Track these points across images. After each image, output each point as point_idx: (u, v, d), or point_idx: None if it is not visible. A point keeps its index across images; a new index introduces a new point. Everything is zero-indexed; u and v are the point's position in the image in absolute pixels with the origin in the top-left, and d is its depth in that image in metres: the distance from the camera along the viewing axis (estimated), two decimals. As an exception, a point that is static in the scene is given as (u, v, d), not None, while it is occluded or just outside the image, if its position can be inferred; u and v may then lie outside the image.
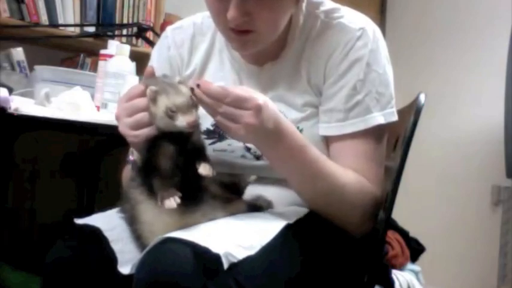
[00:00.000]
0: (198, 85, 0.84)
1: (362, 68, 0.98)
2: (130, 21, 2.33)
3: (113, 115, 0.92)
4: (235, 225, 0.86)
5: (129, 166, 1.04)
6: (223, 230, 0.83)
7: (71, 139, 2.12)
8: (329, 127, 1.00)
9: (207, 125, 1.06)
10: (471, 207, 2.95)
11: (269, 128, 0.86)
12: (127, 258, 0.85)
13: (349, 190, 0.94)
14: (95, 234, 0.90)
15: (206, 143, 1.05)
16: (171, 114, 0.81)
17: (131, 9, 2.34)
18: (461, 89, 3.06)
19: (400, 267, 1.60)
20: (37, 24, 2.06)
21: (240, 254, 0.79)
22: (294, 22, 1.03)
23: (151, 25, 2.23)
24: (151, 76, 0.90)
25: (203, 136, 1.06)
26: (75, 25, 2.17)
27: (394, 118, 1.01)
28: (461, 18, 3.11)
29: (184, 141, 0.85)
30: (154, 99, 0.83)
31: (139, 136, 0.86)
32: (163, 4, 2.45)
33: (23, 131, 1.49)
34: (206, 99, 0.83)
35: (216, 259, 0.76)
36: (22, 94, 1.65)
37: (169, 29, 1.16)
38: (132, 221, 0.87)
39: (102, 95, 1.66)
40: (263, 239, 0.83)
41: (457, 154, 3.02)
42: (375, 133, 0.99)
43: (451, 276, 2.90)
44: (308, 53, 1.03)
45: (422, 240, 1.75)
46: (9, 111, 1.34)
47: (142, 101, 0.85)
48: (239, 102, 0.83)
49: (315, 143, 0.96)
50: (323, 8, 1.04)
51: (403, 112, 1.07)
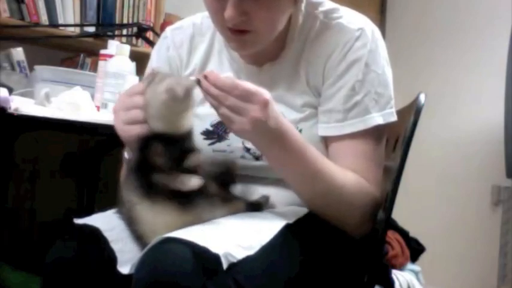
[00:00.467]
0: (206, 77, 0.84)
1: (361, 69, 0.98)
2: (130, 21, 2.33)
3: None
4: (234, 225, 0.86)
5: (125, 165, 1.05)
6: (222, 230, 0.83)
7: (71, 139, 2.12)
8: (328, 127, 1.00)
9: (207, 126, 1.06)
10: (471, 207, 2.95)
11: (271, 126, 0.86)
12: (127, 258, 0.85)
13: (348, 191, 0.94)
14: (95, 234, 0.90)
15: (204, 144, 1.06)
16: (161, 86, 0.83)
17: (131, 9, 2.34)
18: (461, 89, 3.06)
19: (400, 267, 1.60)
20: (37, 24, 2.06)
21: (240, 254, 0.78)
22: (293, 22, 1.03)
23: (151, 25, 2.23)
24: (154, 76, 0.90)
25: (202, 137, 1.06)
26: (75, 25, 2.17)
27: (393, 118, 1.00)
28: (461, 18, 3.11)
29: (176, 144, 0.85)
30: (153, 80, 0.85)
31: (130, 132, 0.87)
32: (163, 4, 2.45)
33: (23, 131, 1.49)
34: (214, 90, 0.83)
35: (216, 259, 0.75)
36: (22, 94, 1.65)
37: (168, 30, 1.16)
38: (131, 222, 0.87)
39: (102, 95, 1.66)
40: (262, 239, 0.83)
41: (457, 154, 3.02)
42: (374, 134, 0.99)
43: (451, 276, 2.90)
44: (307, 54, 1.02)
45: (422, 240, 1.75)
46: (9, 111, 1.34)
47: (140, 99, 0.86)
48: (247, 95, 0.83)
49: (314, 144, 0.96)
50: (322, 9, 1.04)
51: (403, 112, 1.07)
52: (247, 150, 1.03)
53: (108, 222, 0.92)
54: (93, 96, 1.67)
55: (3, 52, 1.94)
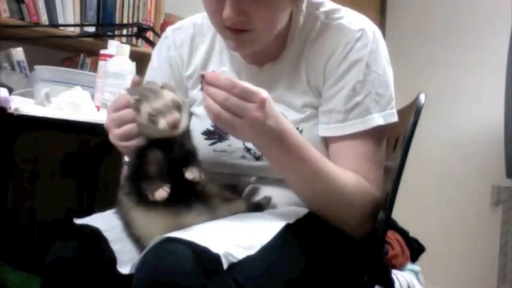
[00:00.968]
0: (203, 76, 0.84)
1: (361, 69, 0.98)
2: (130, 21, 2.33)
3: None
4: (235, 225, 0.86)
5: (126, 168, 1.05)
6: (223, 230, 0.83)
7: (71, 139, 2.12)
8: (328, 128, 1.00)
9: (207, 126, 1.06)
10: (471, 207, 2.95)
11: (271, 126, 0.85)
12: (126, 258, 0.86)
13: (348, 191, 0.94)
14: (95, 234, 0.90)
15: (205, 144, 1.06)
16: (153, 118, 0.81)
17: (131, 9, 2.34)
18: (461, 89, 3.06)
19: (400, 267, 1.60)
20: (37, 24, 2.07)
21: (240, 254, 0.79)
22: (294, 22, 1.03)
23: (151, 25, 2.23)
24: (136, 85, 0.90)
25: (203, 137, 1.06)
26: (75, 25, 2.17)
27: (394, 119, 1.00)
28: (461, 18, 3.11)
29: (175, 148, 0.85)
30: (137, 108, 0.84)
31: (129, 147, 0.88)
32: (163, 4, 2.45)
33: (23, 131, 1.49)
34: (214, 90, 0.83)
35: (216, 259, 0.76)
36: (22, 94, 1.65)
37: (169, 30, 1.16)
38: (128, 225, 0.88)
39: (102, 95, 1.66)
40: (263, 239, 0.83)
41: (457, 154, 3.02)
42: (375, 134, 0.99)
43: (451, 276, 2.90)
44: (308, 54, 1.02)
45: (422, 240, 1.74)
46: (9, 111, 1.34)
47: (129, 112, 0.86)
48: (246, 94, 0.82)
49: (315, 144, 0.96)
50: (323, 9, 1.04)
51: (403, 112, 1.07)
52: (247, 150, 1.03)
53: (107, 222, 0.92)
54: (93, 96, 1.67)
55: (3, 52, 1.94)
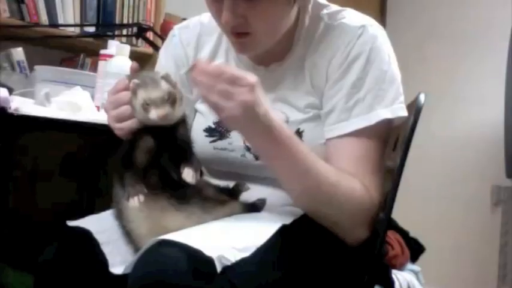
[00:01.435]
0: (195, 66, 0.84)
1: (362, 66, 0.97)
2: (130, 21, 2.33)
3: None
4: (230, 227, 0.86)
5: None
6: (217, 232, 0.83)
7: (71, 139, 2.12)
8: (331, 129, 0.98)
9: (210, 123, 1.06)
10: (471, 207, 2.95)
11: (260, 112, 0.83)
12: (118, 260, 0.86)
13: (338, 192, 0.91)
14: (86, 236, 0.91)
15: (206, 141, 1.06)
16: (146, 107, 0.84)
17: (131, 9, 2.34)
18: (461, 89, 3.06)
19: (400, 267, 1.59)
20: (37, 24, 2.06)
21: (234, 257, 0.79)
22: (300, 24, 1.03)
23: (151, 25, 2.23)
24: (136, 71, 0.92)
25: (205, 134, 1.06)
26: (75, 25, 2.17)
27: (403, 113, 0.98)
28: (461, 18, 3.11)
29: (169, 135, 0.86)
30: (135, 91, 0.86)
31: (123, 129, 0.88)
32: (163, 4, 2.45)
33: (23, 131, 1.49)
34: (202, 77, 0.82)
35: (210, 262, 0.76)
36: (22, 94, 1.65)
37: (176, 28, 1.17)
38: (120, 216, 0.89)
39: (102, 95, 1.66)
40: (258, 241, 0.83)
41: (457, 154, 3.02)
42: (378, 132, 0.98)
43: (451, 276, 2.90)
44: (312, 55, 1.02)
45: (422, 240, 1.74)
46: (9, 111, 1.34)
47: (126, 95, 0.87)
48: (235, 79, 0.81)
49: (316, 146, 0.95)
50: (327, 11, 1.04)
51: (403, 112, 1.07)
52: (248, 149, 1.02)
53: (100, 224, 0.93)
54: (93, 96, 1.67)
55: (3, 52, 1.94)
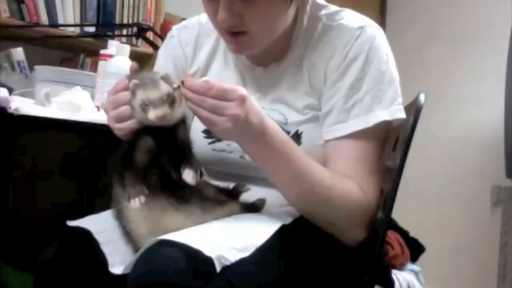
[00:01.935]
0: (183, 82, 0.84)
1: (360, 66, 0.97)
2: (130, 21, 2.33)
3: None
4: (229, 227, 0.86)
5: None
6: (217, 232, 0.83)
7: (71, 139, 2.12)
8: (329, 131, 0.98)
9: (207, 125, 1.06)
10: (471, 207, 2.94)
11: (253, 122, 0.84)
12: (117, 260, 0.86)
13: (334, 194, 0.92)
14: (86, 236, 0.91)
15: (205, 142, 1.06)
16: (145, 107, 0.84)
17: (131, 9, 2.35)
18: (461, 89, 3.06)
19: (400, 267, 1.60)
20: (37, 24, 2.07)
21: (233, 257, 0.79)
22: (298, 24, 1.03)
23: (151, 25, 2.23)
24: (135, 71, 0.91)
25: (203, 135, 1.06)
26: (75, 25, 2.17)
27: (401, 115, 0.98)
28: (461, 18, 3.11)
29: (168, 136, 0.86)
30: (134, 92, 0.85)
31: (123, 129, 0.88)
32: (163, 4, 2.45)
33: (23, 131, 1.49)
34: (191, 94, 0.83)
35: (209, 262, 0.76)
36: (22, 94, 1.65)
37: (175, 28, 1.17)
38: (119, 216, 0.89)
39: (102, 95, 1.66)
40: (258, 241, 0.83)
41: (457, 154, 3.02)
42: (376, 134, 0.98)
43: (451, 276, 2.89)
44: (310, 55, 1.02)
45: (422, 240, 1.74)
46: (9, 111, 1.34)
47: (125, 95, 0.87)
48: (223, 93, 0.82)
49: (314, 148, 0.95)
50: (326, 11, 1.04)
51: (403, 112, 1.07)
52: (246, 150, 1.02)
53: (99, 224, 0.93)
54: (93, 96, 1.67)
55: (3, 52, 1.94)
